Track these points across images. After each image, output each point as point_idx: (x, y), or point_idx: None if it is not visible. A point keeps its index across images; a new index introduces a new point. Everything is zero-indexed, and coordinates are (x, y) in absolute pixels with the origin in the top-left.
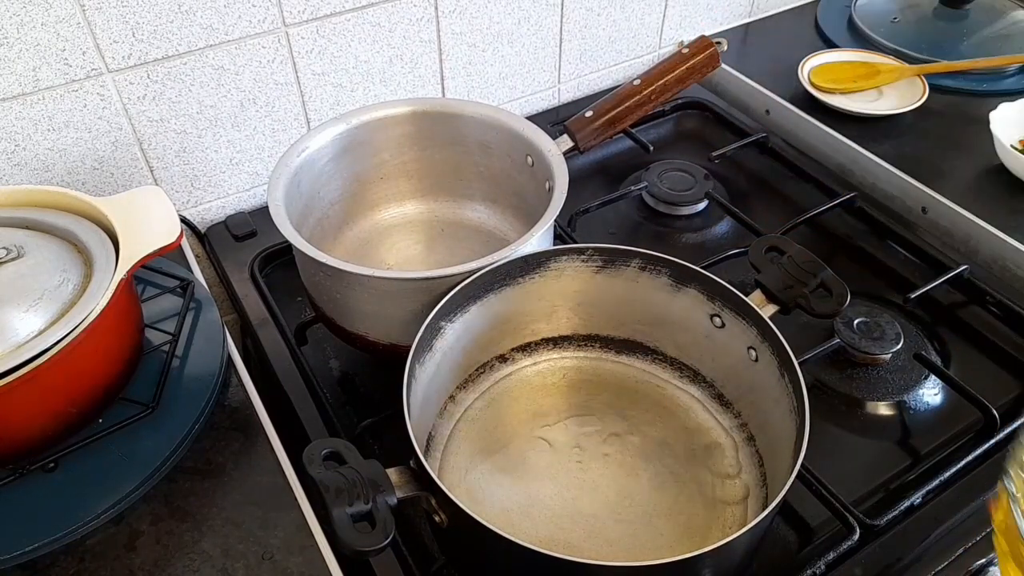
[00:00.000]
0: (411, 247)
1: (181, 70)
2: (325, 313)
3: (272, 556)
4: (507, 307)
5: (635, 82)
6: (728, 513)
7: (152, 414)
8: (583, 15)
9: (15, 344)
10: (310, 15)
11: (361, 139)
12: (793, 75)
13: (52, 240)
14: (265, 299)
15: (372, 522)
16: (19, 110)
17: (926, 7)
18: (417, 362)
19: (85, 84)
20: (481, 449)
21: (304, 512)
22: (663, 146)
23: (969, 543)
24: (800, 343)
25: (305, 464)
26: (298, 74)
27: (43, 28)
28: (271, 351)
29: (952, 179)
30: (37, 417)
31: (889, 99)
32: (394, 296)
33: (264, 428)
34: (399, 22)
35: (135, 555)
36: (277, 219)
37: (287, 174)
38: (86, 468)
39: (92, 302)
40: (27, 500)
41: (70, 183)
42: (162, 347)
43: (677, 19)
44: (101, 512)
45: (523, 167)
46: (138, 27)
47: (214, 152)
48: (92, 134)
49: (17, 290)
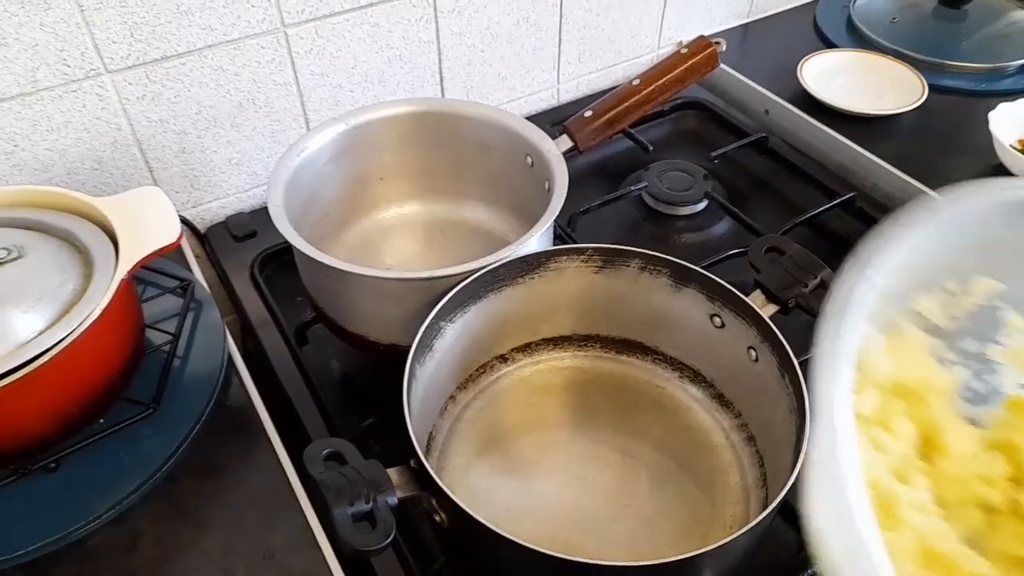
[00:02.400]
0: (411, 247)
1: (180, 70)
2: (325, 313)
3: (273, 556)
4: (507, 307)
5: (634, 82)
6: (728, 513)
7: (153, 414)
8: (582, 15)
9: (16, 344)
10: (309, 15)
11: (360, 139)
12: (792, 75)
13: (52, 241)
14: (265, 299)
15: (373, 522)
16: (18, 110)
17: (925, 7)
18: (417, 362)
19: (84, 84)
20: (481, 449)
21: (305, 512)
22: (662, 146)
23: None
24: (801, 343)
25: (306, 464)
26: (297, 74)
27: (42, 28)
28: (271, 351)
29: (952, 179)
30: (38, 417)
31: (889, 99)
32: (394, 296)
33: (265, 428)
34: (398, 22)
35: (136, 555)
36: (277, 219)
37: (287, 174)
38: (87, 468)
39: (92, 302)
40: (28, 500)
41: (69, 183)
42: (163, 347)
43: (676, 19)
44: (102, 512)
45: (523, 167)
46: (137, 27)
47: (213, 152)
48: (91, 134)
49: (17, 290)
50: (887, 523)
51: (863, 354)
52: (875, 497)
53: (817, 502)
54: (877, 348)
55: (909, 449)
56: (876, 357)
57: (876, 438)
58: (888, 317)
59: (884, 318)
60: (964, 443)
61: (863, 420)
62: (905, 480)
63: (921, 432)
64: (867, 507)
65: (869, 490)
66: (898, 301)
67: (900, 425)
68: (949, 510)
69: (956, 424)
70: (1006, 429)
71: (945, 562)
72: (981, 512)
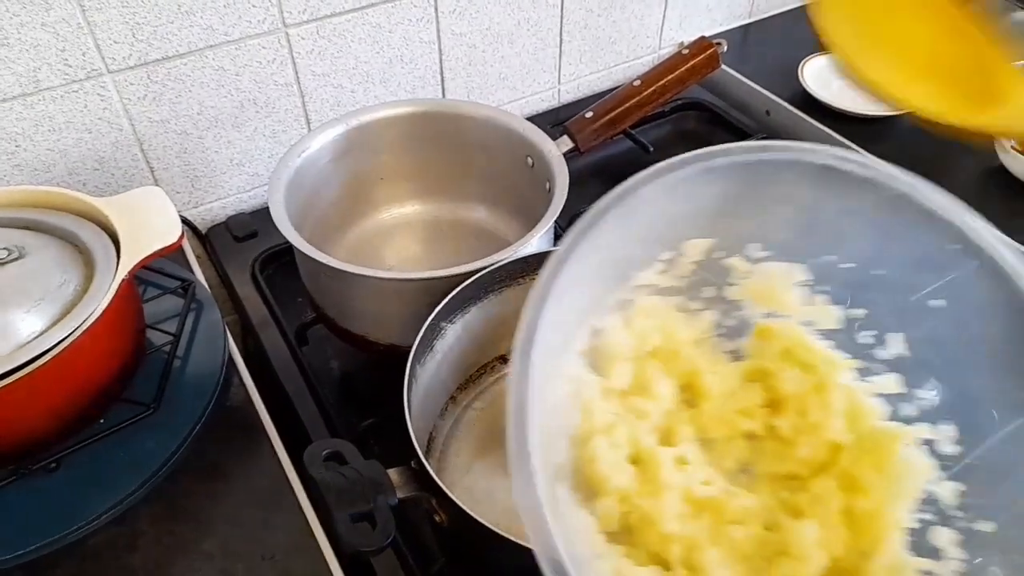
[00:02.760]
0: (411, 248)
1: (181, 71)
2: (326, 314)
3: (273, 556)
4: (507, 308)
5: (635, 83)
6: None
7: (153, 414)
8: (583, 16)
9: (16, 345)
10: (310, 16)
11: (361, 140)
12: (793, 76)
13: (53, 241)
14: (266, 300)
15: (373, 522)
16: (19, 111)
17: None
18: (418, 363)
19: (85, 85)
20: (481, 449)
21: (305, 512)
22: (663, 147)
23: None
24: None
25: (306, 465)
26: (298, 75)
27: (43, 29)
28: (272, 352)
29: (952, 180)
30: (38, 417)
31: None
32: (394, 297)
33: (265, 429)
34: (399, 23)
35: (136, 555)
36: (278, 220)
37: (288, 175)
38: (87, 468)
39: (93, 303)
40: (29, 500)
41: (71, 184)
42: (163, 348)
43: (677, 20)
44: (102, 512)
45: (523, 168)
46: (138, 28)
47: (215, 153)
48: (92, 135)
49: (18, 291)
50: (649, 491)
51: (603, 339)
52: (639, 467)
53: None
54: (614, 327)
55: (672, 404)
56: (616, 335)
57: (636, 407)
58: (619, 297)
59: (614, 300)
60: (723, 382)
61: (621, 395)
62: (672, 436)
63: (683, 383)
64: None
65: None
66: (620, 282)
67: (658, 385)
68: (717, 448)
69: (714, 365)
70: (758, 357)
71: (713, 505)
72: (746, 442)
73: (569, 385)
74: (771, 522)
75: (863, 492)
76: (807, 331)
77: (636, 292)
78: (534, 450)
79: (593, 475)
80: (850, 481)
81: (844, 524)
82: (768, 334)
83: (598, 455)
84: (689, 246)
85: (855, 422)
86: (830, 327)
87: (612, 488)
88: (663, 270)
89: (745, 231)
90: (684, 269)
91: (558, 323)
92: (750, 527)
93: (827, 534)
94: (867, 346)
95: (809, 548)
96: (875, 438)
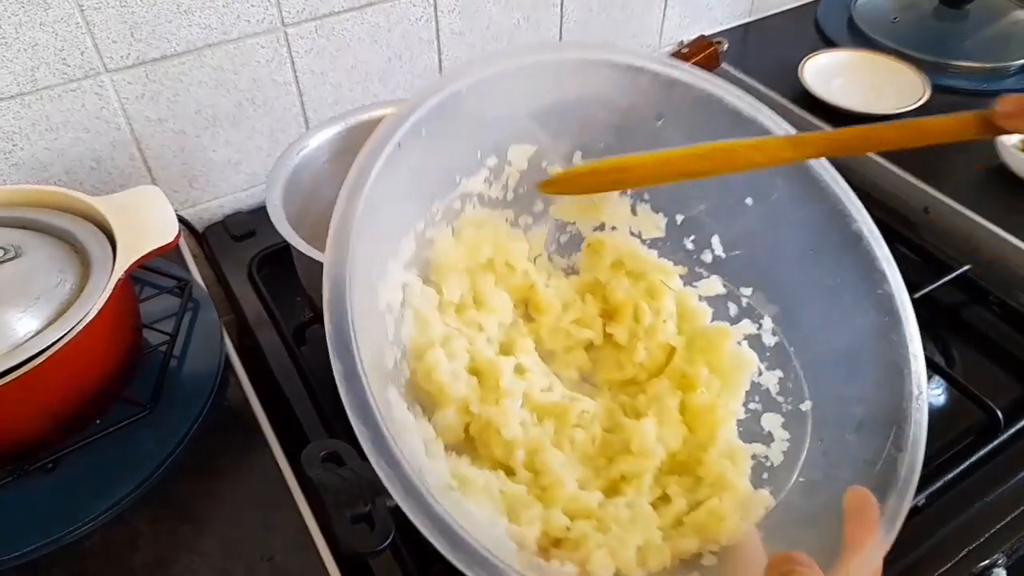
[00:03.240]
0: None
1: (179, 70)
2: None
3: (271, 557)
4: None
5: None
6: None
7: (150, 414)
8: (583, 15)
9: (13, 344)
10: (309, 15)
11: (360, 139)
12: (793, 74)
13: (49, 240)
14: (263, 299)
15: (371, 523)
16: (17, 110)
17: (926, 7)
18: None
19: (83, 84)
20: None
21: (303, 513)
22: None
23: (973, 544)
24: None
25: (304, 465)
26: (296, 74)
27: (41, 28)
28: (269, 351)
29: (954, 179)
30: (35, 417)
31: (890, 99)
32: None
33: (263, 429)
34: (398, 21)
35: (135, 555)
36: (276, 219)
37: (286, 174)
38: (85, 468)
39: (89, 302)
40: (26, 500)
41: (68, 183)
42: (160, 347)
43: (677, 19)
44: (100, 512)
45: None
46: (136, 27)
47: (212, 152)
48: (90, 134)
49: (15, 290)
50: (491, 399)
51: (433, 249)
52: (479, 378)
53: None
54: (444, 236)
55: (509, 318)
56: (445, 244)
57: (473, 320)
58: (447, 207)
59: (443, 211)
60: (559, 296)
61: (458, 308)
62: (511, 348)
63: (519, 297)
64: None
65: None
66: (447, 191)
67: (494, 297)
68: (558, 359)
69: (548, 279)
70: (590, 270)
71: (555, 411)
72: (585, 352)
73: (398, 293)
74: (612, 424)
75: (697, 389)
76: (636, 242)
77: (464, 201)
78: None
79: (432, 386)
80: (685, 380)
81: (681, 420)
82: (599, 247)
83: (436, 366)
84: (514, 152)
85: (686, 324)
86: (655, 235)
87: (452, 398)
88: (489, 178)
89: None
90: (510, 179)
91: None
92: (592, 430)
93: (665, 431)
94: (691, 252)
95: (649, 444)
96: (706, 337)
